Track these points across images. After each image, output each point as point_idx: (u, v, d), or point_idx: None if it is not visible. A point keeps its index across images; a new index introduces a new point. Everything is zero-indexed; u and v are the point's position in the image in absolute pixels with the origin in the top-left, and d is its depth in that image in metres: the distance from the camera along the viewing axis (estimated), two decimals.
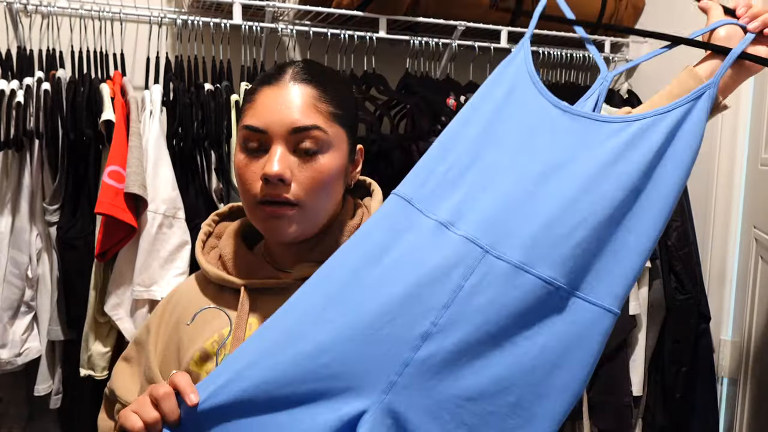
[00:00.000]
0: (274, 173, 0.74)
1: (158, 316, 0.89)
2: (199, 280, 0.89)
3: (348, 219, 0.86)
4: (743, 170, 1.83)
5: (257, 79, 0.82)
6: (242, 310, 0.80)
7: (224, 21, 1.73)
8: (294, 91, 0.77)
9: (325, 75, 0.81)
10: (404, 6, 1.83)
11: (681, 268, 1.84)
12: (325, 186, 0.78)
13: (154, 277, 1.44)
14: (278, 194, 0.76)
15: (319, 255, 0.82)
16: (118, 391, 0.89)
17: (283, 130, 0.76)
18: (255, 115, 0.78)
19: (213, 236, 0.92)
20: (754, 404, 1.67)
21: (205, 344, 0.81)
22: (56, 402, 1.52)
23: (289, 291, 0.79)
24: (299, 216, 0.78)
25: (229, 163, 1.59)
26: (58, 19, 1.71)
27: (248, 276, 0.83)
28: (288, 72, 0.79)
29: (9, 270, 1.45)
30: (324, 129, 0.77)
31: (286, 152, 0.76)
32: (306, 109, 0.76)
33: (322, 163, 0.77)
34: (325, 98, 0.78)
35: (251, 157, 0.78)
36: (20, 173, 1.46)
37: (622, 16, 2.16)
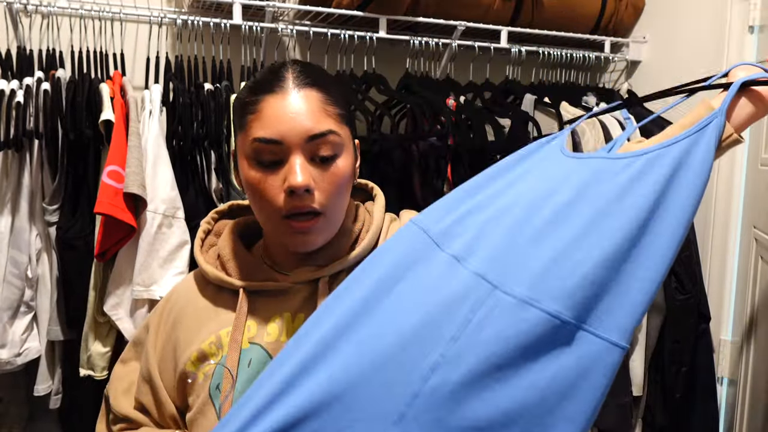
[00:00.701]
0: (300, 185, 0.72)
1: (157, 315, 0.89)
2: (198, 279, 0.88)
3: (350, 223, 0.85)
4: (743, 170, 1.83)
5: (251, 88, 0.78)
6: (240, 312, 0.80)
7: (224, 21, 1.73)
8: (301, 98, 0.75)
9: (324, 76, 0.80)
10: (404, 6, 1.83)
11: (681, 269, 1.83)
12: (342, 188, 0.78)
13: (154, 276, 1.44)
14: (304, 205, 0.74)
15: (319, 259, 0.81)
16: (112, 401, 0.89)
17: (299, 139, 0.74)
18: (265, 126, 0.74)
19: (212, 234, 0.91)
20: (754, 404, 1.67)
21: (203, 345, 0.80)
22: (56, 402, 1.52)
23: (288, 294, 0.80)
24: (324, 224, 0.77)
25: (229, 163, 1.59)
26: (58, 19, 1.71)
27: (247, 277, 0.82)
28: (288, 77, 0.76)
29: (9, 270, 1.45)
30: (337, 132, 0.76)
31: (305, 161, 0.74)
32: (318, 114, 0.75)
33: (339, 166, 0.76)
34: (331, 100, 0.77)
35: (267, 171, 0.75)
36: (20, 173, 1.46)
37: (622, 16, 2.16)
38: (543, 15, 2.03)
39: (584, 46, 2.22)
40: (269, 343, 0.78)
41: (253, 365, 0.77)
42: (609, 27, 2.17)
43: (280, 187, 0.74)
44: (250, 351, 0.78)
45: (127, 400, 0.88)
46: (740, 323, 1.78)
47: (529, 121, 1.80)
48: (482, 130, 1.77)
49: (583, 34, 2.13)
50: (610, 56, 2.20)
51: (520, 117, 1.81)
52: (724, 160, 1.86)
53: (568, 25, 2.10)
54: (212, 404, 0.78)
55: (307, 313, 0.78)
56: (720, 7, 1.86)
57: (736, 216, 1.85)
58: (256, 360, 0.77)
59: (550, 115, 1.85)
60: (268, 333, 0.79)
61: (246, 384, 0.76)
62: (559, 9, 2.05)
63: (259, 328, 0.79)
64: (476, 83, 2.00)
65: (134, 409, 0.87)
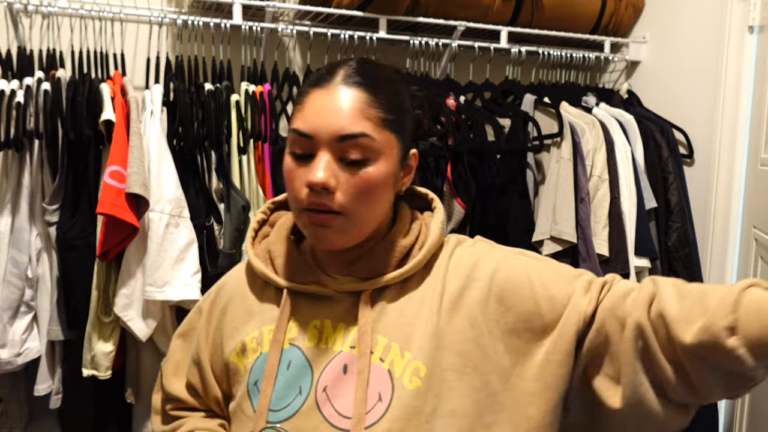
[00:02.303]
0: (318, 182, 0.72)
1: (210, 300, 0.90)
2: (248, 269, 0.88)
3: (400, 236, 0.82)
4: (743, 170, 1.83)
5: (310, 81, 0.78)
6: (284, 312, 0.80)
7: (224, 21, 1.73)
8: (343, 96, 0.73)
9: (378, 77, 0.77)
10: (404, 6, 1.83)
11: (681, 269, 1.84)
12: (371, 195, 0.75)
13: (166, 277, 1.44)
14: (322, 203, 0.73)
15: (363, 270, 0.80)
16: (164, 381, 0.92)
17: (329, 137, 0.73)
18: (303, 118, 0.74)
19: (267, 224, 0.91)
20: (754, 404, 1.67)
21: (246, 338, 0.81)
22: (56, 402, 1.52)
23: (331, 300, 0.79)
24: (343, 224, 0.75)
25: (230, 163, 1.59)
26: (58, 19, 1.71)
27: (292, 278, 0.81)
28: (339, 74, 0.75)
29: (9, 270, 1.44)
30: (372, 136, 0.73)
31: (331, 160, 0.73)
32: (354, 114, 0.73)
33: (369, 171, 0.74)
34: (376, 103, 0.74)
35: (298, 162, 0.75)
36: (20, 173, 1.46)
37: (622, 16, 2.17)
38: (543, 15, 2.04)
39: (584, 46, 2.22)
40: (309, 348, 0.78)
41: (292, 368, 0.77)
42: (609, 27, 2.17)
43: (304, 180, 0.74)
44: (289, 352, 0.78)
45: (176, 380, 0.90)
46: None
47: (529, 121, 1.80)
48: (482, 130, 1.78)
49: (582, 34, 2.13)
50: (610, 56, 2.20)
51: (520, 117, 1.81)
52: (724, 160, 1.86)
53: (568, 25, 2.10)
54: (249, 400, 0.78)
55: (348, 324, 0.78)
56: (720, 7, 1.86)
57: (736, 216, 1.85)
58: (295, 362, 0.78)
59: (550, 115, 1.85)
60: (308, 337, 0.79)
61: (284, 386, 0.77)
62: (559, 9, 2.05)
63: (299, 331, 0.79)
64: (476, 83, 2.00)
65: (185, 387, 0.90)
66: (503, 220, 1.77)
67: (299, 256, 0.83)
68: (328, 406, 0.74)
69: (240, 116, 1.60)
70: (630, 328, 0.71)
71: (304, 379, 0.76)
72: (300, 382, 0.76)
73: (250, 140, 1.61)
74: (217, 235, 1.59)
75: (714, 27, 1.88)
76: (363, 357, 0.75)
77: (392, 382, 0.74)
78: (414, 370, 0.74)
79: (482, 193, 1.74)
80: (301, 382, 0.76)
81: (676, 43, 2.06)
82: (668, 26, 2.10)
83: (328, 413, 0.74)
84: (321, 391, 0.75)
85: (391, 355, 0.75)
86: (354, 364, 0.75)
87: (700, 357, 0.66)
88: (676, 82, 2.05)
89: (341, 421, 0.73)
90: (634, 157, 1.87)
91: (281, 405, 0.76)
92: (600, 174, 1.80)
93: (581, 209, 1.75)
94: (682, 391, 0.69)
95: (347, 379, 0.75)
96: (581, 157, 1.78)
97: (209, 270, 1.56)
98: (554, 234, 1.72)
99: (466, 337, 0.76)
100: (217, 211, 1.59)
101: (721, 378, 0.67)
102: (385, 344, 0.76)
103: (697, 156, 1.97)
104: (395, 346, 0.75)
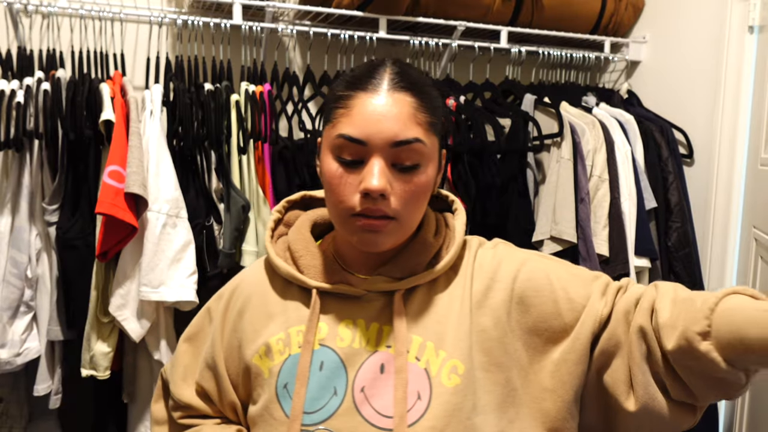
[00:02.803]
0: (375, 189, 0.71)
1: (224, 302, 0.88)
2: (267, 269, 0.87)
3: (431, 236, 0.83)
4: (743, 170, 1.83)
5: (348, 82, 0.76)
6: (314, 313, 0.79)
7: (224, 21, 1.73)
8: (394, 101, 0.73)
9: (421, 81, 0.77)
10: (404, 6, 1.83)
11: (681, 269, 1.84)
12: (421, 199, 0.76)
13: (161, 277, 1.44)
14: (377, 209, 0.73)
15: (396, 270, 0.80)
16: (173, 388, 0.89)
17: (383, 143, 0.72)
18: (352, 124, 0.73)
19: (282, 224, 0.90)
20: (754, 404, 1.67)
21: (270, 340, 0.80)
22: (56, 402, 1.52)
23: (361, 300, 0.79)
24: (395, 228, 0.75)
25: (230, 163, 1.59)
26: (58, 19, 1.71)
27: (319, 277, 0.81)
28: (385, 77, 0.75)
29: (8, 270, 1.44)
30: (424, 141, 0.74)
31: (385, 165, 0.73)
32: (407, 120, 0.73)
33: (420, 177, 0.75)
34: (424, 107, 0.75)
35: (346, 168, 0.74)
36: (20, 173, 1.46)
37: (622, 16, 2.17)
38: (543, 15, 2.04)
39: (584, 46, 2.22)
40: (342, 348, 0.77)
41: (326, 369, 0.77)
42: (609, 27, 2.17)
43: (356, 186, 0.73)
44: (320, 353, 0.78)
45: (187, 386, 0.88)
46: None
47: (530, 121, 1.80)
48: (482, 130, 1.78)
49: (582, 34, 2.13)
50: (610, 56, 2.20)
51: (521, 117, 1.81)
52: (724, 160, 1.86)
53: (568, 25, 2.10)
54: (278, 403, 0.77)
55: (381, 323, 0.78)
56: (720, 7, 1.86)
57: (736, 216, 1.85)
58: (329, 363, 0.77)
59: (550, 115, 1.85)
60: (340, 337, 0.78)
61: (317, 387, 0.76)
62: (559, 9, 2.05)
63: (330, 331, 0.79)
64: (476, 83, 2.00)
65: (196, 393, 0.88)
66: (503, 220, 1.77)
67: (324, 256, 0.83)
68: (367, 406, 0.74)
69: (240, 116, 1.60)
70: (634, 333, 0.74)
71: (339, 379, 0.76)
72: (334, 382, 0.76)
73: (249, 140, 1.61)
74: (217, 235, 1.59)
75: (714, 27, 1.88)
76: (400, 356, 0.75)
77: (429, 380, 0.75)
78: (452, 368, 0.75)
79: (482, 193, 1.74)
80: (336, 383, 0.76)
81: (676, 43, 2.06)
82: (668, 26, 2.10)
83: (368, 413, 0.74)
84: (359, 392, 0.75)
85: (427, 353, 0.76)
86: (391, 364, 0.76)
87: (683, 361, 0.70)
88: (676, 82, 2.05)
89: (382, 420, 0.74)
90: (634, 157, 1.87)
91: (316, 407, 0.75)
92: (600, 174, 1.80)
93: (581, 209, 1.75)
94: (681, 393, 0.72)
95: (384, 378, 0.75)
96: (581, 157, 1.78)
97: (209, 270, 1.56)
98: (554, 234, 1.72)
99: (491, 336, 0.78)
100: (216, 211, 1.59)
101: (709, 381, 0.69)
102: (420, 343, 0.77)
103: (697, 156, 1.97)
104: (430, 345, 0.77)
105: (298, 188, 1.68)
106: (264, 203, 1.61)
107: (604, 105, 2.03)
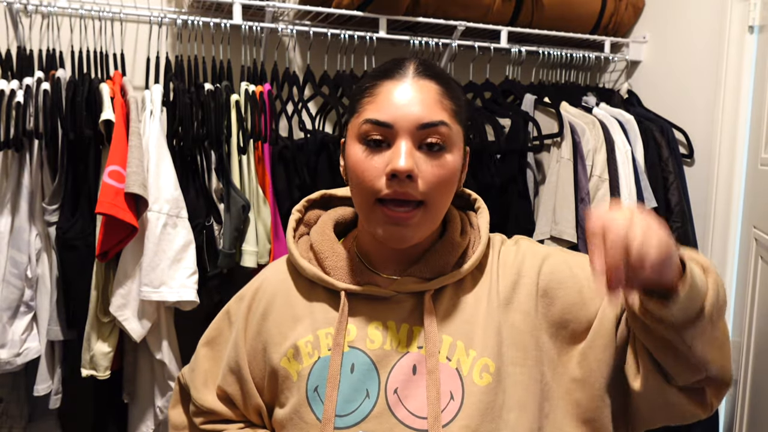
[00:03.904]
0: (403, 168, 0.71)
1: (246, 304, 0.87)
2: (291, 270, 0.87)
3: (457, 235, 0.83)
4: (743, 170, 1.83)
5: (372, 75, 0.79)
6: (343, 315, 0.79)
7: (224, 21, 1.73)
8: (419, 86, 0.75)
9: (445, 74, 0.80)
10: (404, 6, 1.83)
11: None
12: (447, 183, 0.76)
13: (163, 277, 1.44)
14: (405, 191, 0.73)
15: (425, 270, 0.80)
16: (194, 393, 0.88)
17: (410, 125, 0.73)
18: (378, 109, 0.74)
19: (303, 224, 0.90)
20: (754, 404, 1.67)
21: (298, 342, 0.80)
22: (56, 402, 1.52)
23: (390, 302, 0.79)
24: (422, 217, 0.75)
25: (229, 163, 1.59)
26: (58, 19, 1.71)
27: (346, 279, 0.81)
28: (409, 67, 0.77)
29: (8, 270, 1.44)
30: (449, 125, 0.75)
31: (412, 147, 0.73)
32: (433, 104, 0.75)
33: (446, 159, 0.75)
34: (449, 95, 0.77)
35: (372, 151, 0.74)
36: (20, 173, 1.46)
37: (622, 16, 2.16)
38: (543, 15, 2.03)
39: (584, 46, 2.22)
40: (373, 351, 0.78)
41: (357, 371, 0.77)
42: (609, 27, 2.17)
43: (382, 169, 0.73)
44: (350, 355, 0.78)
45: (208, 391, 0.88)
46: (740, 323, 1.78)
47: (530, 120, 1.80)
48: (482, 130, 1.77)
49: (583, 34, 2.13)
50: (610, 56, 2.20)
51: (521, 117, 1.81)
52: (724, 160, 1.86)
53: (568, 25, 2.10)
54: (309, 407, 0.77)
55: (411, 325, 0.78)
56: (720, 7, 1.86)
57: (736, 216, 1.85)
58: (360, 365, 0.77)
59: (550, 115, 1.85)
60: (370, 339, 0.78)
61: (349, 390, 0.76)
62: (559, 9, 2.05)
63: (359, 332, 0.79)
64: (476, 83, 2.00)
65: (218, 397, 0.87)
66: (503, 220, 1.77)
67: (350, 257, 0.83)
68: (401, 408, 0.75)
69: (240, 116, 1.60)
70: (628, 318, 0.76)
71: (371, 381, 0.76)
72: (366, 385, 0.76)
73: (249, 140, 1.60)
74: (217, 235, 1.59)
75: (714, 27, 1.88)
76: (432, 356, 0.76)
77: (461, 380, 0.76)
78: (483, 366, 0.76)
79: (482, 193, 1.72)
80: (368, 385, 0.76)
81: (676, 43, 2.06)
82: (668, 26, 2.10)
83: (402, 415, 0.74)
84: (392, 393, 0.75)
85: (457, 353, 0.77)
86: (423, 365, 0.76)
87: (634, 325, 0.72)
88: (676, 82, 2.05)
89: (416, 421, 0.74)
90: (635, 157, 1.87)
91: (348, 410, 0.75)
92: (600, 174, 1.80)
93: (581, 209, 1.75)
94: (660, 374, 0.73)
95: (417, 379, 0.76)
96: (581, 157, 1.78)
97: (209, 270, 1.56)
98: (554, 234, 1.72)
99: (521, 330, 0.78)
100: (216, 211, 1.59)
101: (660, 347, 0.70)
102: (450, 343, 0.77)
103: (697, 156, 1.97)
104: (460, 345, 0.77)
105: (298, 188, 1.68)
106: (264, 203, 1.61)
107: (604, 105, 2.03)
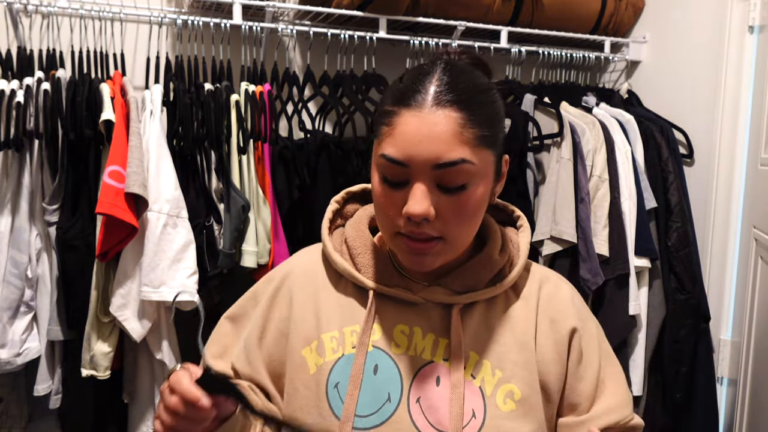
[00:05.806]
0: (417, 214, 0.68)
1: (274, 288, 0.86)
2: (323, 260, 0.86)
3: (496, 252, 0.81)
4: (743, 170, 1.83)
5: (394, 94, 0.72)
6: (369, 316, 0.78)
7: (224, 21, 1.73)
8: (438, 118, 0.68)
9: (471, 89, 0.71)
10: (404, 6, 1.83)
11: (681, 269, 1.84)
12: (471, 218, 0.73)
13: (162, 277, 1.44)
14: (422, 232, 0.70)
15: (456, 283, 0.79)
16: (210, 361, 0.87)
17: (425, 165, 0.68)
18: (394, 144, 0.69)
19: (340, 216, 0.89)
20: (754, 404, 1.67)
21: (323, 335, 0.79)
22: (56, 402, 1.52)
23: (417, 307, 0.79)
24: (442, 248, 0.73)
25: (230, 163, 1.59)
26: (58, 19, 1.71)
27: (377, 278, 0.80)
28: (430, 91, 0.69)
29: (8, 270, 1.44)
30: (470, 161, 0.69)
31: (427, 189, 0.69)
32: (451, 140, 0.68)
33: (468, 195, 0.71)
34: (472, 121, 0.69)
35: (391, 188, 0.71)
36: (20, 173, 1.46)
37: (622, 16, 2.17)
38: (543, 15, 2.04)
39: (584, 46, 2.22)
40: (397, 355, 0.77)
41: (380, 373, 0.76)
42: (609, 27, 2.17)
43: (400, 206, 0.71)
44: (374, 355, 0.77)
45: (222, 363, 0.86)
46: (740, 323, 1.78)
47: (530, 120, 1.80)
48: None
49: (583, 34, 2.13)
50: (610, 56, 2.20)
51: (521, 117, 1.81)
52: (724, 160, 1.86)
53: (568, 25, 2.10)
54: (327, 402, 0.76)
55: (437, 335, 0.77)
56: (720, 7, 1.86)
57: (736, 216, 1.85)
58: (383, 368, 0.76)
59: (550, 115, 1.85)
60: (395, 343, 0.77)
61: (371, 390, 0.75)
62: (559, 9, 2.05)
63: (384, 334, 0.78)
64: None
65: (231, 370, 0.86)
66: None
67: (383, 257, 0.82)
68: (422, 418, 0.74)
69: (240, 116, 1.60)
70: None
71: (393, 385, 0.75)
72: (388, 388, 0.75)
73: (249, 140, 1.60)
74: (217, 235, 1.59)
75: (714, 27, 1.88)
76: (457, 371, 0.75)
77: (484, 400, 0.75)
78: (508, 392, 0.75)
79: None
80: (390, 389, 0.75)
81: (676, 43, 2.06)
82: (668, 26, 2.10)
83: (421, 424, 0.74)
84: (414, 402, 0.74)
85: (482, 372, 0.76)
86: (447, 377, 0.75)
87: None
88: (676, 82, 2.05)
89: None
90: (634, 157, 1.87)
91: (369, 411, 0.75)
92: (600, 174, 1.80)
93: (581, 209, 1.75)
94: None
95: (440, 391, 0.75)
96: (581, 157, 1.78)
97: (209, 270, 1.56)
98: (554, 234, 1.72)
99: (550, 370, 0.78)
100: (216, 211, 1.59)
101: None
102: (476, 360, 0.76)
103: (697, 156, 1.97)
104: (487, 363, 0.76)
105: (298, 188, 1.68)
106: (264, 203, 1.61)
107: (604, 105, 2.03)
